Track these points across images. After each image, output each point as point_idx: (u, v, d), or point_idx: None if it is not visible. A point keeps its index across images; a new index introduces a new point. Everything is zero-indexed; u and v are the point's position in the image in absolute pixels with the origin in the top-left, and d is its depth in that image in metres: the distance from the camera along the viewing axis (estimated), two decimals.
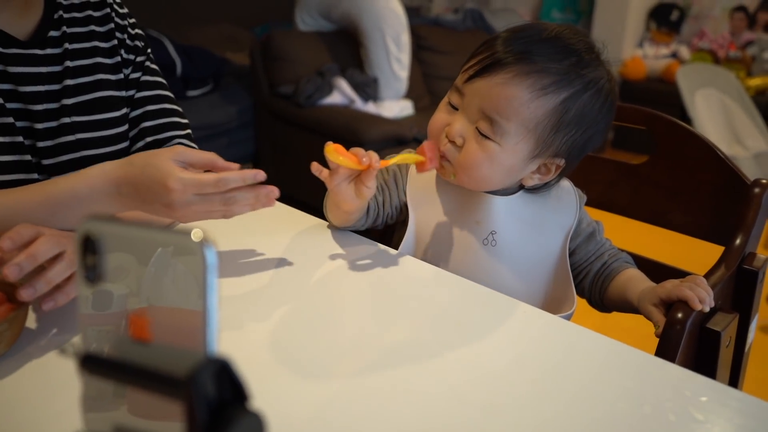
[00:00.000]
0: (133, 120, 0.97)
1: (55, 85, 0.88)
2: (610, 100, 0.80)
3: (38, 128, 0.86)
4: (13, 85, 0.84)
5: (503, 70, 0.75)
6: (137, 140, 0.97)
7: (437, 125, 0.82)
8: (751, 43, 4.16)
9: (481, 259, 0.85)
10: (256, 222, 0.94)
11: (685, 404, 0.56)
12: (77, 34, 0.92)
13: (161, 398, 0.31)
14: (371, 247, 0.86)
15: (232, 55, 3.58)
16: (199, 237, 0.33)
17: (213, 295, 0.33)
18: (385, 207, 0.88)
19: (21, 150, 0.84)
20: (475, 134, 0.78)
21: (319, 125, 2.83)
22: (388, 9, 3.06)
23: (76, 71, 0.90)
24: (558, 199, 0.89)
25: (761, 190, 0.87)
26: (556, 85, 0.75)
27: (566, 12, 4.90)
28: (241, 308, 0.71)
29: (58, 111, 0.88)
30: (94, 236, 0.35)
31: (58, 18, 0.90)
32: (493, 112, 0.76)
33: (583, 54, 0.77)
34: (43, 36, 0.88)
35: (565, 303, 0.84)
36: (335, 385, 0.59)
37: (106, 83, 0.93)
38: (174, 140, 0.99)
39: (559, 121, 0.77)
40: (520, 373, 0.61)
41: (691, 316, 0.73)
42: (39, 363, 0.60)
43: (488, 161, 0.78)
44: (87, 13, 0.94)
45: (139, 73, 0.99)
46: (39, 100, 0.86)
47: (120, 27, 0.97)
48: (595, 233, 0.91)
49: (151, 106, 0.98)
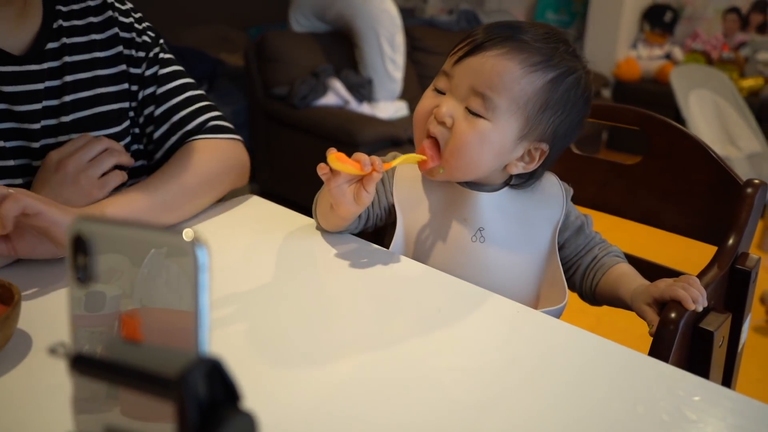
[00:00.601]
0: (159, 117, 0.95)
1: (54, 100, 0.86)
2: (587, 93, 0.82)
3: (34, 147, 0.84)
4: (8, 105, 0.82)
5: (495, 47, 0.77)
6: (170, 135, 0.95)
7: (424, 110, 0.82)
8: (743, 44, 4.18)
9: (471, 256, 0.85)
10: (250, 222, 0.94)
11: (678, 404, 0.57)
12: (77, 45, 0.89)
13: (152, 399, 0.31)
14: (364, 247, 0.86)
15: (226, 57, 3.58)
16: (191, 237, 0.33)
17: (204, 294, 0.33)
18: (375, 208, 0.89)
19: (12, 173, 0.83)
20: (464, 114, 0.79)
21: (314, 126, 2.83)
22: (383, 10, 3.06)
23: (75, 86, 0.88)
24: (544, 194, 0.89)
25: (754, 191, 0.88)
26: (545, 64, 0.77)
27: (560, 13, 4.92)
28: (234, 308, 0.71)
29: (56, 128, 0.86)
30: (85, 236, 0.35)
31: (57, 28, 0.87)
32: (485, 87, 0.77)
33: (564, 43, 0.80)
34: (41, 49, 0.85)
35: (557, 296, 0.85)
36: (327, 385, 0.58)
37: (106, 97, 0.91)
38: (210, 122, 0.98)
39: (547, 100, 0.78)
40: (513, 372, 0.61)
41: (684, 316, 0.74)
42: (30, 364, 0.60)
43: (479, 141, 0.78)
44: (88, 20, 0.90)
45: (155, 67, 0.96)
46: (36, 118, 0.84)
47: (125, 26, 0.94)
48: (583, 226, 0.91)
49: (176, 98, 0.97)
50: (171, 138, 0.96)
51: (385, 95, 3.15)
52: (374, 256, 0.84)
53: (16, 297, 0.61)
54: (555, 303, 0.84)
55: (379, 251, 0.85)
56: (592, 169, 1.06)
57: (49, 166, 0.82)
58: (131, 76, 0.94)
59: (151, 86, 0.96)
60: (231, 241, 0.88)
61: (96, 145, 0.85)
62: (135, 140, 0.97)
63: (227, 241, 0.88)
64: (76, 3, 0.90)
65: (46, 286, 0.75)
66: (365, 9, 3.04)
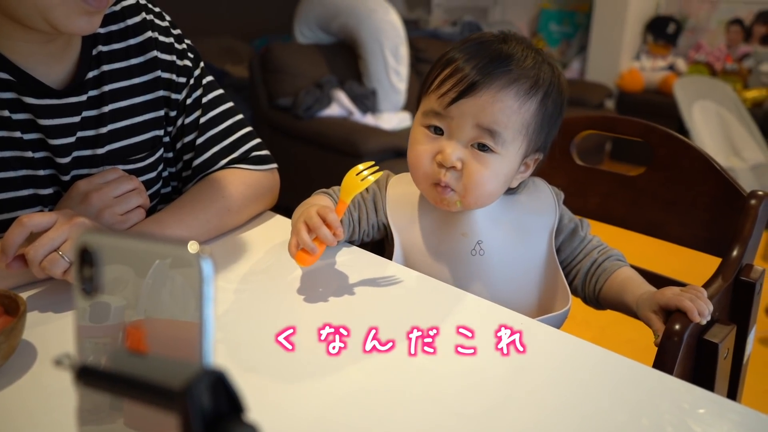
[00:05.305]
0: (200, 146, 0.95)
1: (90, 131, 0.84)
2: (565, 92, 0.84)
3: (64, 179, 0.83)
4: (43, 135, 0.80)
5: (485, 87, 0.77)
6: (210, 165, 0.95)
7: (424, 156, 0.81)
8: (747, 55, 4.19)
9: (472, 270, 0.85)
10: (254, 233, 0.94)
11: (683, 416, 0.56)
12: (116, 71, 0.86)
13: (157, 410, 0.31)
14: (368, 258, 0.86)
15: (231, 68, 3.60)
16: (195, 249, 0.33)
17: (209, 306, 0.33)
18: (362, 224, 0.89)
19: (44, 201, 0.83)
20: (471, 154, 0.79)
21: (318, 137, 2.84)
22: (387, 21, 3.07)
23: (113, 115, 0.86)
24: (536, 200, 0.90)
25: (758, 202, 0.88)
26: (535, 88, 0.79)
27: (564, 25, 4.93)
28: (237, 319, 0.71)
29: (89, 159, 0.85)
30: (91, 248, 0.36)
31: (96, 54, 0.84)
32: (493, 124, 0.77)
33: (536, 53, 0.82)
34: (81, 80, 0.82)
35: (559, 301, 0.85)
36: (331, 397, 0.58)
37: (142, 126, 0.90)
38: (252, 153, 0.98)
39: (542, 119, 0.81)
40: (517, 384, 0.61)
41: (689, 328, 0.73)
42: (35, 375, 0.60)
43: (492, 176, 0.80)
44: (127, 42, 0.87)
45: (198, 92, 0.94)
46: (67, 152, 0.82)
47: (165, 46, 0.91)
48: (577, 229, 0.92)
49: (219, 126, 0.96)
50: (211, 167, 0.95)
51: (388, 106, 3.16)
52: (378, 268, 0.84)
53: (21, 308, 0.62)
54: (558, 308, 0.84)
55: (384, 262, 0.85)
56: (596, 180, 1.06)
57: (74, 196, 0.80)
58: (170, 101, 0.92)
59: (193, 113, 0.94)
60: (234, 251, 0.88)
61: (125, 184, 0.83)
62: (167, 165, 0.97)
63: (230, 252, 0.88)
64: (115, 23, 0.87)
65: (51, 297, 0.75)
66: (369, 20, 3.05)
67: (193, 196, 0.90)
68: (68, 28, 0.72)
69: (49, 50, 0.79)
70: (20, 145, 0.79)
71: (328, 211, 0.75)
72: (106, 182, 0.82)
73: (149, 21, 0.90)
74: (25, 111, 0.79)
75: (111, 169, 0.85)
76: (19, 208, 0.81)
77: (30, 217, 0.70)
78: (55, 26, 0.71)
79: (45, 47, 0.78)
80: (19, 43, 0.76)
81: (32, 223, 0.70)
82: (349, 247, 0.89)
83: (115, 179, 0.83)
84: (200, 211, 0.88)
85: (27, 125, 0.79)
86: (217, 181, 0.93)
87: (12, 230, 0.70)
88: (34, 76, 0.78)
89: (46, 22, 0.71)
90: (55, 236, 0.69)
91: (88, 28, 0.74)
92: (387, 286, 0.79)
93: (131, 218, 0.82)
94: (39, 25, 0.71)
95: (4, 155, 0.79)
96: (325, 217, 0.75)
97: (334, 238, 0.75)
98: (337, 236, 0.75)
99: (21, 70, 0.77)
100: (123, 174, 0.84)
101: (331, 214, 0.75)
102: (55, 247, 0.69)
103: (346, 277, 0.81)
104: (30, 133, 0.80)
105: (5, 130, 0.78)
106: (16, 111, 0.78)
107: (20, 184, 0.81)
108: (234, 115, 0.99)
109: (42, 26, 0.71)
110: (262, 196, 0.98)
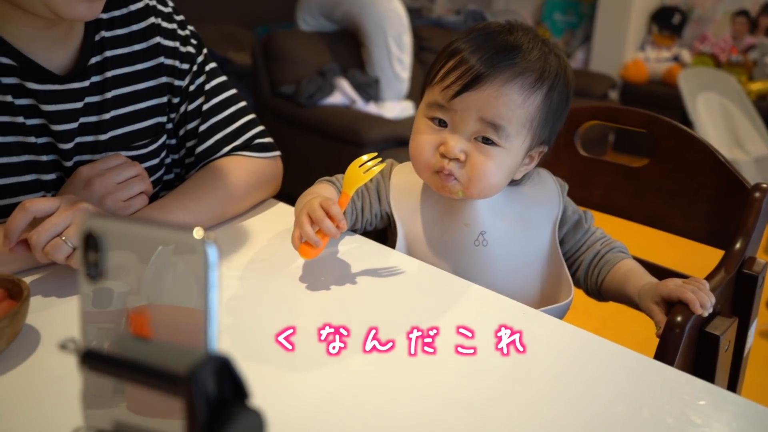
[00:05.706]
0: (203, 133, 0.94)
1: (92, 117, 0.84)
2: (571, 83, 0.84)
3: (67, 165, 0.84)
4: (45, 121, 0.80)
5: (489, 81, 0.76)
6: (213, 152, 0.95)
7: (427, 147, 0.81)
8: (752, 47, 4.16)
9: (475, 261, 0.85)
10: (257, 220, 0.94)
11: (683, 408, 0.56)
12: (119, 57, 0.86)
13: (162, 395, 0.31)
14: (372, 247, 0.86)
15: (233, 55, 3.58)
16: (201, 234, 0.33)
17: (214, 292, 0.33)
18: (365, 213, 0.89)
19: (46, 186, 0.83)
20: (475, 146, 0.79)
21: (321, 125, 2.83)
22: (390, 10, 3.06)
23: (116, 102, 0.86)
24: (540, 191, 0.90)
25: (761, 195, 0.87)
26: (540, 80, 0.78)
27: (568, 14, 4.90)
28: (241, 305, 0.71)
29: (92, 145, 0.85)
30: (96, 233, 0.36)
31: (99, 40, 0.85)
32: (495, 117, 0.77)
33: (543, 43, 0.81)
34: (84, 65, 0.83)
35: (562, 292, 0.85)
36: (334, 384, 0.59)
37: (145, 112, 0.90)
38: (255, 140, 0.98)
39: (547, 112, 0.80)
40: (518, 375, 0.61)
41: (691, 320, 0.74)
42: (39, 359, 0.61)
43: (496, 168, 0.79)
44: (130, 28, 0.87)
45: (200, 79, 0.94)
46: (70, 138, 0.83)
47: (168, 33, 0.91)
48: (581, 220, 0.91)
49: (222, 113, 0.96)
50: (214, 155, 0.95)
51: (391, 95, 3.15)
52: (381, 257, 0.84)
53: (25, 293, 0.62)
54: (561, 299, 0.84)
55: (387, 251, 0.85)
56: (599, 171, 1.06)
57: (77, 182, 0.80)
58: (173, 88, 0.92)
59: (196, 100, 0.94)
60: (237, 239, 0.88)
61: (128, 170, 0.82)
62: (170, 152, 0.97)
63: (233, 239, 0.88)
64: (117, 8, 0.87)
65: (55, 281, 0.75)
66: (373, 8, 3.04)
67: (196, 183, 0.90)
68: (69, 13, 0.72)
69: (51, 35, 0.79)
70: (23, 131, 0.79)
71: (331, 203, 0.75)
72: (108, 168, 0.82)
73: (152, 7, 0.90)
74: (27, 96, 0.79)
75: (114, 155, 0.84)
76: (22, 193, 0.81)
77: (33, 202, 0.71)
78: (55, 12, 0.71)
79: (47, 33, 0.78)
80: (22, 28, 0.76)
81: (35, 208, 0.70)
82: (352, 236, 0.89)
83: (118, 165, 0.82)
84: (203, 197, 0.88)
85: (30, 111, 0.79)
86: (219, 169, 0.93)
87: (15, 215, 0.70)
88: (36, 62, 0.78)
89: (47, 7, 0.71)
90: (58, 221, 0.69)
91: (89, 14, 0.74)
92: (389, 276, 0.79)
93: (134, 204, 0.82)
94: (40, 11, 0.71)
95: (7, 140, 0.79)
96: (328, 210, 0.75)
97: (337, 231, 0.75)
98: (341, 229, 0.75)
99: (23, 56, 0.77)
100: (126, 160, 0.84)
101: (335, 207, 0.75)
102: (59, 232, 0.70)
103: (348, 266, 0.81)
104: (33, 118, 0.80)
105: (8, 115, 0.78)
106: (19, 96, 0.78)
107: (23, 169, 0.81)
108: (237, 102, 0.99)
109: (43, 12, 0.71)
110: (265, 184, 0.98)
